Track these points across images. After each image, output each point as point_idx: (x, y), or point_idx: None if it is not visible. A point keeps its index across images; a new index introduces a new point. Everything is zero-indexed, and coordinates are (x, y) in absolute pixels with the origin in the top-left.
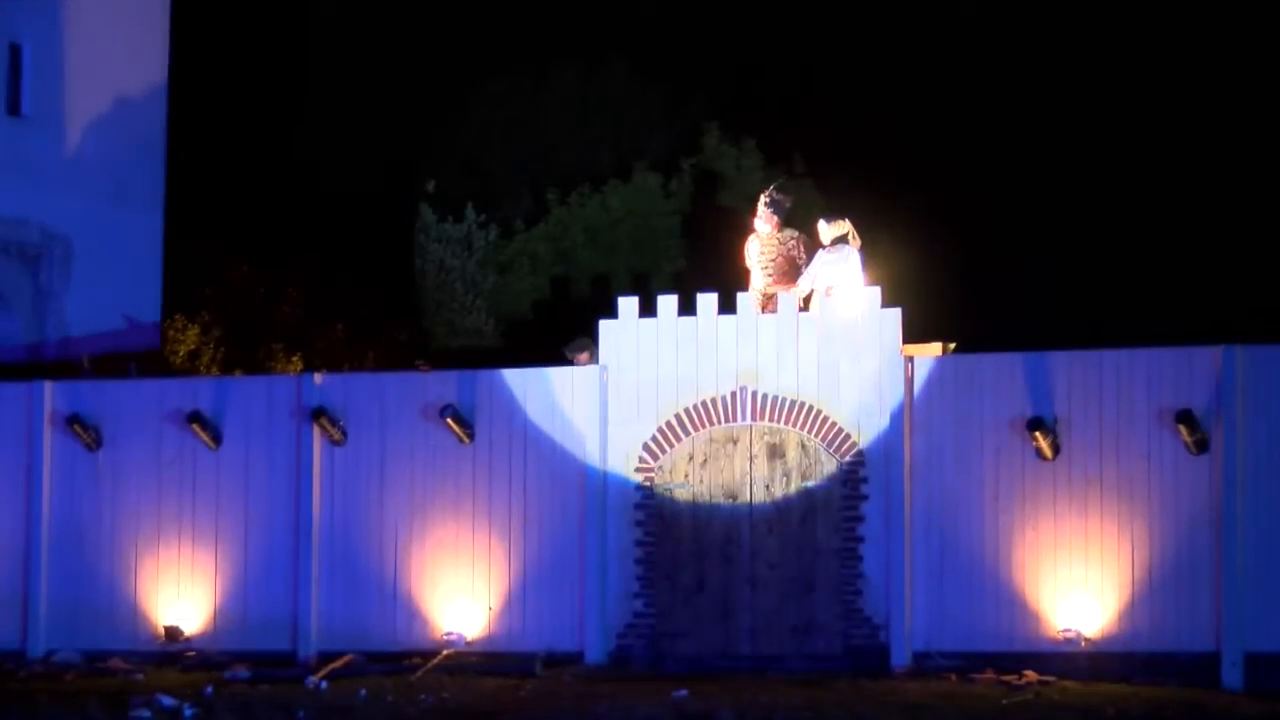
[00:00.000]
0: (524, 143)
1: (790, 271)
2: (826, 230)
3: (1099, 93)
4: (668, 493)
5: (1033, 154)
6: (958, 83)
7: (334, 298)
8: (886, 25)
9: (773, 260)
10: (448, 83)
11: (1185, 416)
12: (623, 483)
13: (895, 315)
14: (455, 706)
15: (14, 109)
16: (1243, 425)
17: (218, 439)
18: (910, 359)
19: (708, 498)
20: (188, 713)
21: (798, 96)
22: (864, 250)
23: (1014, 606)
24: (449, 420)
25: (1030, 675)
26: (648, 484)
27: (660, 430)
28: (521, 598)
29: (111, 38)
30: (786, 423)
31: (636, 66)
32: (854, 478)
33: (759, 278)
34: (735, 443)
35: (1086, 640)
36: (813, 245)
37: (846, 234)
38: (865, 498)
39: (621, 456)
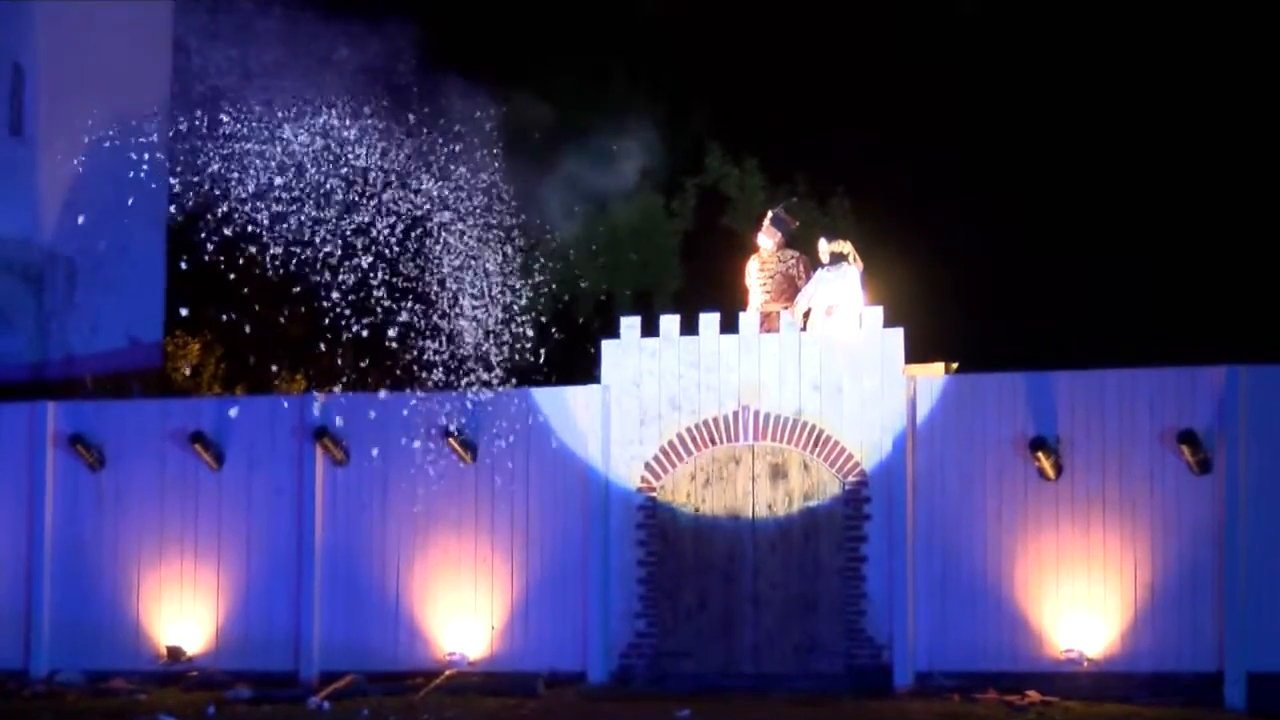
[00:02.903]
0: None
1: (788, 290)
2: (826, 248)
3: (1101, 110)
4: (670, 512)
5: (1035, 174)
6: (959, 100)
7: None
8: (888, 49)
9: (771, 278)
10: (449, 101)
11: (1188, 436)
12: (625, 502)
13: (897, 335)
14: None
15: (16, 129)
16: (1245, 445)
17: (220, 459)
18: (913, 378)
19: (710, 517)
20: None
21: (800, 117)
22: (865, 270)
23: (1016, 626)
24: (451, 440)
25: (1033, 695)
26: (650, 503)
27: (662, 449)
28: (524, 617)
29: (114, 57)
30: (788, 442)
31: (639, 85)
32: (856, 497)
33: (757, 295)
34: (737, 462)
35: (1089, 660)
36: (813, 265)
37: (847, 253)
38: (868, 517)
39: (624, 476)
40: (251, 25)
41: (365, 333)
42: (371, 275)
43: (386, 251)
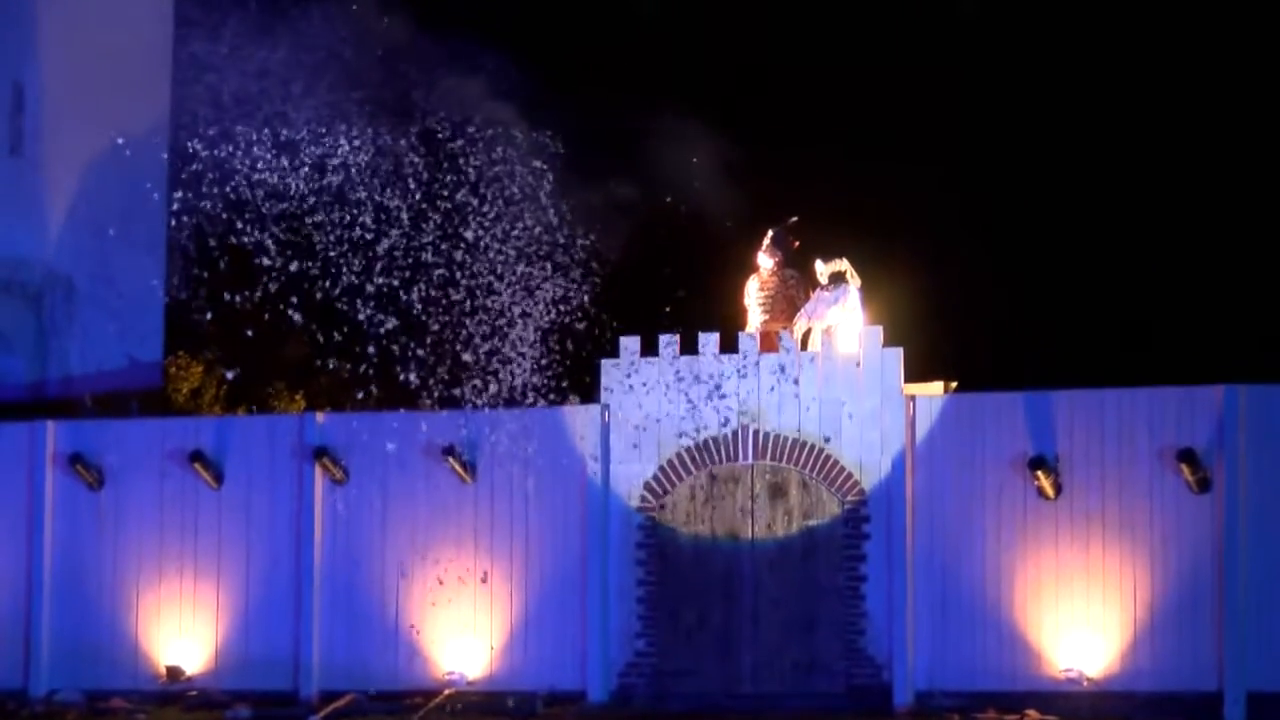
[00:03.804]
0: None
1: (788, 310)
2: (823, 269)
3: (1101, 127)
4: (669, 531)
5: (1034, 192)
6: (957, 115)
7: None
8: (886, 66)
9: (770, 298)
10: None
11: (1187, 455)
12: (625, 521)
13: (897, 355)
14: None
15: (16, 148)
16: (1245, 464)
17: (219, 478)
18: (912, 398)
19: (710, 536)
20: None
21: (798, 134)
22: (864, 289)
23: (1016, 646)
24: (450, 459)
25: (1032, 715)
26: (649, 522)
27: (662, 469)
28: (523, 636)
29: (114, 76)
30: (788, 462)
31: (631, 103)
32: (856, 516)
33: (757, 315)
34: (737, 482)
35: (1089, 679)
36: (812, 286)
37: (844, 272)
38: (867, 537)
39: (623, 495)
40: (254, 41)
41: (362, 348)
42: (372, 291)
43: (387, 266)
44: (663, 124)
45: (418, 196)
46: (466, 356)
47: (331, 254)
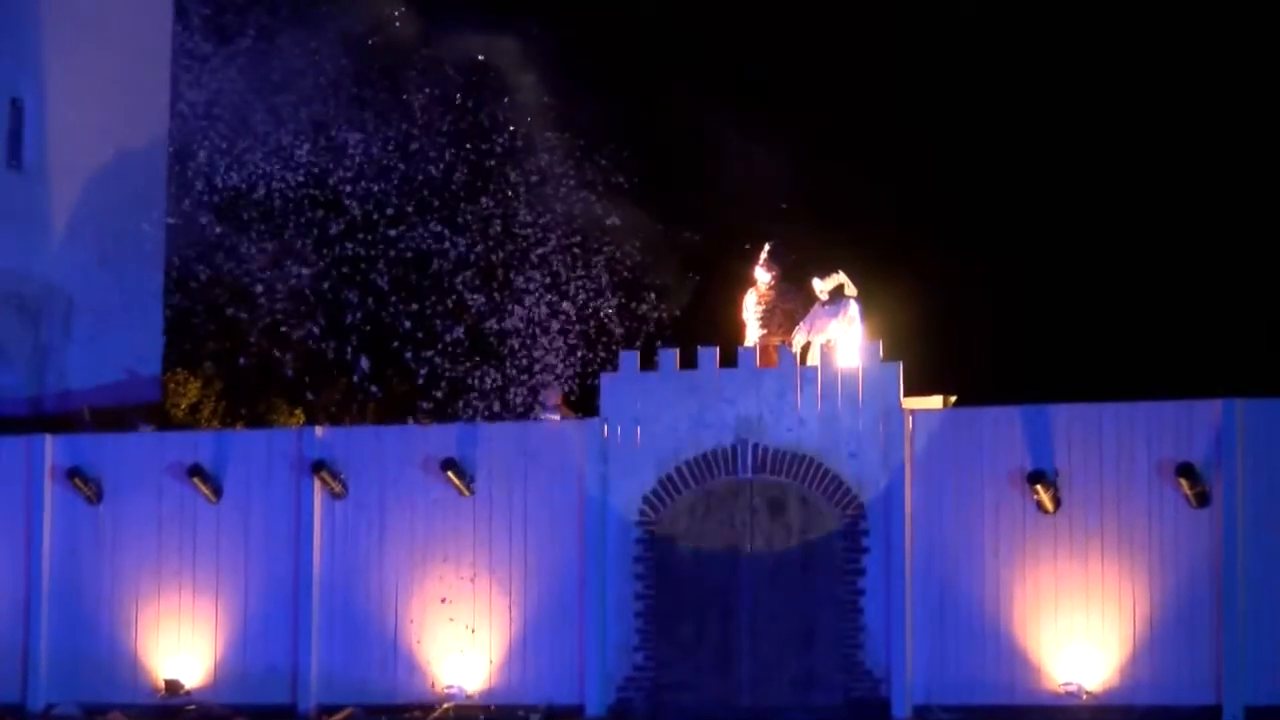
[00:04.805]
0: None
1: (786, 324)
2: (821, 286)
3: (1098, 143)
4: (668, 545)
5: (1033, 207)
6: (956, 129)
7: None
8: (885, 80)
9: (768, 312)
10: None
11: (1186, 470)
12: (623, 535)
13: (895, 369)
14: None
15: (15, 162)
16: (1243, 478)
17: (218, 492)
18: (911, 412)
19: (708, 550)
20: None
21: (799, 148)
22: (863, 303)
23: (1015, 659)
24: (449, 473)
25: None
26: (648, 536)
27: (660, 483)
28: (522, 650)
29: (113, 91)
30: (787, 476)
31: (635, 116)
32: (854, 530)
33: (755, 329)
34: (736, 496)
35: (1087, 693)
36: (810, 301)
37: (842, 286)
38: (866, 550)
39: (622, 508)
40: (249, 56)
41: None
42: (374, 307)
43: (387, 283)
44: (657, 127)
45: (426, 193)
46: (483, 394)
47: (344, 268)
